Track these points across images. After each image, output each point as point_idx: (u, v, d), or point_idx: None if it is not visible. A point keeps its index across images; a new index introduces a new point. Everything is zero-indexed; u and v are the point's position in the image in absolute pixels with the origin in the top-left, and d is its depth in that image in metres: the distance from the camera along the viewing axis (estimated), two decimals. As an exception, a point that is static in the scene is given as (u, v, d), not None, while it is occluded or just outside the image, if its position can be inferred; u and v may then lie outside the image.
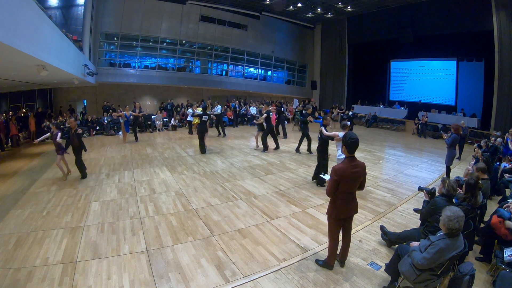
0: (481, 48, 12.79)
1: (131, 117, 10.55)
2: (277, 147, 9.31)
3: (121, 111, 11.06)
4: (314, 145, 7.16)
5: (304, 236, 3.86)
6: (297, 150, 9.11)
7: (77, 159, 6.22)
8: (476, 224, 3.53)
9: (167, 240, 3.70)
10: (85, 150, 6.49)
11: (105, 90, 15.74)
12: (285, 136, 11.57)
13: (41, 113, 12.61)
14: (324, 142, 5.77)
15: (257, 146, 9.34)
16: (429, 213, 3.15)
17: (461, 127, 8.11)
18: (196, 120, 11.75)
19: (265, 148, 8.97)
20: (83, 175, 6.33)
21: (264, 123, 9.01)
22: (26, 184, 6.02)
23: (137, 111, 11.08)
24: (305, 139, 9.00)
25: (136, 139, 10.76)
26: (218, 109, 11.83)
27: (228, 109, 15.50)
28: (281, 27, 19.00)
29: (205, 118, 8.65)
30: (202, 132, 8.65)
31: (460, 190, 3.93)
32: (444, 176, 6.38)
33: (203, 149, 8.71)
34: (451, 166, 6.43)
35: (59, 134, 6.14)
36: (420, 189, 3.74)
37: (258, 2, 15.94)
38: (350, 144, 2.79)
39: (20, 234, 3.82)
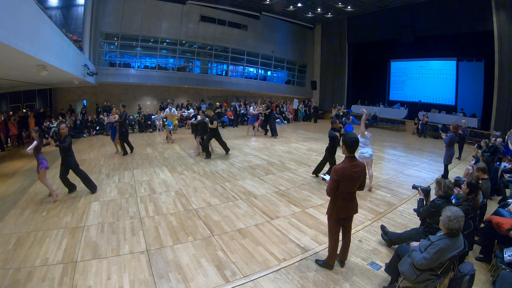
0: (481, 48, 12.77)
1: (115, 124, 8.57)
2: (227, 152, 8.55)
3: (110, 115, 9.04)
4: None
5: (304, 236, 3.86)
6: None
7: (61, 172, 5.22)
8: (476, 224, 3.53)
9: (167, 240, 3.70)
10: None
11: (105, 90, 15.74)
12: (275, 134, 11.61)
13: (42, 113, 12.62)
14: (333, 142, 5.99)
15: (199, 152, 8.62)
16: (429, 215, 3.15)
17: (460, 127, 8.10)
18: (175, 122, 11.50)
19: (208, 154, 8.15)
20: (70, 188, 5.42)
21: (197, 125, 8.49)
22: (26, 184, 6.02)
23: (115, 117, 8.68)
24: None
25: (126, 152, 8.67)
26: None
27: (228, 108, 15.51)
28: (281, 27, 18.99)
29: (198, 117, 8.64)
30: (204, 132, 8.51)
31: (459, 189, 3.93)
32: (441, 175, 6.37)
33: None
34: (450, 166, 6.43)
35: (34, 143, 4.98)
36: (414, 187, 3.72)
37: (258, 2, 15.93)
38: (350, 144, 2.80)
39: (20, 234, 3.82)
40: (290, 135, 12.51)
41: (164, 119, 11.56)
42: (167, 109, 11.54)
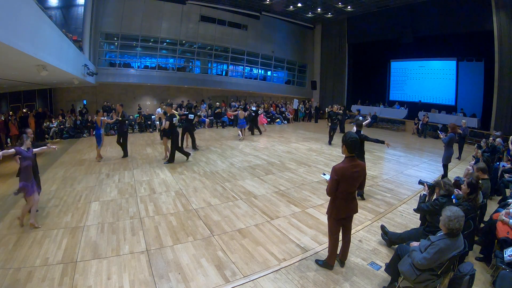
0: (481, 48, 12.78)
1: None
2: (170, 161, 7.53)
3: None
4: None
5: (304, 236, 3.86)
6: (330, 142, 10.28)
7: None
8: (476, 224, 3.53)
9: (167, 240, 3.70)
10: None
11: (105, 90, 15.74)
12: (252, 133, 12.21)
13: (42, 113, 12.61)
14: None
15: (166, 155, 7.82)
16: (432, 212, 3.14)
17: (459, 126, 8.07)
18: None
19: (186, 154, 7.68)
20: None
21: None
22: (26, 184, 6.01)
23: (115, 117, 8.20)
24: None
25: (126, 154, 8.23)
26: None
27: (227, 109, 15.50)
28: (281, 27, 18.99)
29: (191, 116, 8.77)
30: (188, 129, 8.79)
31: (458, 190, 3.93)
32: (441, 176, 6.37)
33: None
34: (450, 166, 6.42)
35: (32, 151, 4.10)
36: (421, 182, 3.74)
37: (258, 2, 15.94)
38: (351, 144, 2.80)
39: (20, 234, 3.82)
40: (290, 135, 12.51)
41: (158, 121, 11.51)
42: (159, 109, 11.54)
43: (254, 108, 13.39)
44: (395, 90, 17.48)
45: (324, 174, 6.30)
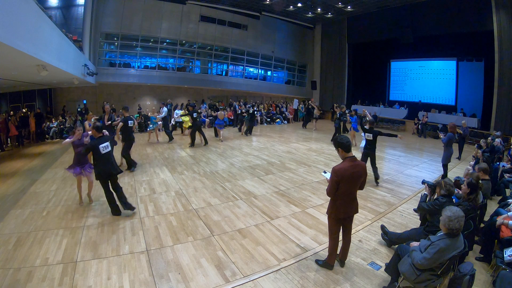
0: (481, 48, 12.78)
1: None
2: (132, 167, 6.87)
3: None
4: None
5: (304, 236, 3.86)
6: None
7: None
8: (476, 224, 3.53)
9: (167, 240, 3.70)
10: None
11: (105, 90, 15.74)
12: (248, 133, 12.16)
13: (42, 113, 12.61)
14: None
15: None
16: (432, 212, 3.14)
17: (459, 126, 8.04)
18: (186, 120, 11.60)
19: (132, 164, 6.90)
20: None
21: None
22: (26, 184, 6.01)
23: (106, 117, 7.55)
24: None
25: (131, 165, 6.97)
26: (164, 111, 10.67)
27: (227, 108, 15.51)
28: (281, 27, 18.99)
29: (194, 115, 9.05)
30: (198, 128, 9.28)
31: (458, 190, 3.93)
32: (441, 175, 6.37)
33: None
34: (450, 166, 6.42)
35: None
36: (424, 182, 3.77)
37: (258, 2, 15.93)
38: (346, 143, 2.86)
39: (20, 234, 3.82)
40: (290, 135, 12.51)
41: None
42: (164, 109, 11.65)
43: (251, 110, 13.45)
44: (395, 90, 17.48)
45: (325, 172, 6.29)
